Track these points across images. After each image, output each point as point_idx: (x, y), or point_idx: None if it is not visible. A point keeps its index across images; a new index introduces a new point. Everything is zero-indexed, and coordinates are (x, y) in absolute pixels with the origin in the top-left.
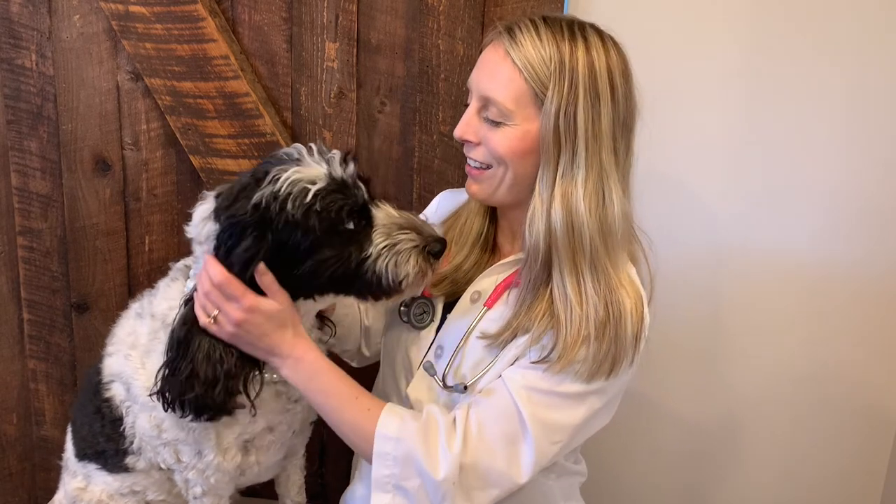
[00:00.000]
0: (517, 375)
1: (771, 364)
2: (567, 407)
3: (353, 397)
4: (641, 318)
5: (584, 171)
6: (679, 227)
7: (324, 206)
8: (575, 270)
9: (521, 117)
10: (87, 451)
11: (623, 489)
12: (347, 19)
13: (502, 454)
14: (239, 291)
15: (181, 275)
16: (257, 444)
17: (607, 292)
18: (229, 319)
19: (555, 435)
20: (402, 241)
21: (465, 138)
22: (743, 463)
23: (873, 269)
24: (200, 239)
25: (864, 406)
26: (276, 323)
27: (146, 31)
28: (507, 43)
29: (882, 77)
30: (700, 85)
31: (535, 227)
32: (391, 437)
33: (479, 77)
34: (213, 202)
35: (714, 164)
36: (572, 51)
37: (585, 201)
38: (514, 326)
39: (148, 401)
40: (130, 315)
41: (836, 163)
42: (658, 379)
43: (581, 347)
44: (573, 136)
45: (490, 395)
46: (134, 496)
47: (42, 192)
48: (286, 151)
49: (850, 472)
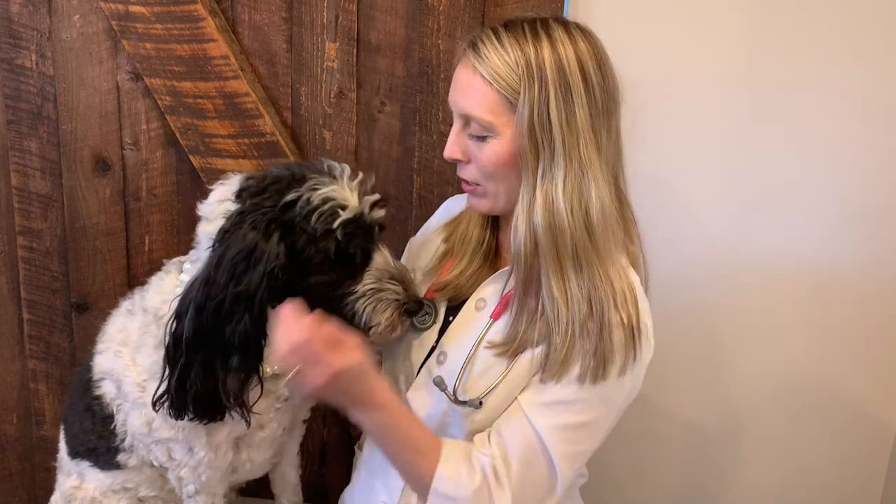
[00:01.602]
0: (541, 413)
1: (770, 368)
2: (589, 436)
3: (425, 451)
4: (634, 308)
5: (563, 169)
6: (675, 231)
7: (343, 236)
8: (560, 270)
9: (501, 126)
10: (80, 449)
11: (623, 490)
12: (347, 19)
13: (540, 498)
14: (322, 354)
15: (174, 268)
16: (248, 442)
17: (591, 287)
18: (311, 382)
19: (577, 463)
20: (387, 290)
21: (454, 157)
22: (743, 466)
23: (873, 272)
24: (212, 217)
25: (862, 410)
26: (358, 372)
27: (146, 31)
28: (473, 58)
29: (882, 80)
30: (698, 86)
31: (519, 233)
32: (447, 496)
33: (456, 96)
34: (236, 184)
35: (711, 167)
36: (537, 50)
37: (566, 199)
38: (520, 336)
39: (139, 398)
40: (121, 312)
41: (837, 166)
42: (656, 382)
43: (572, 348)
44: (549, 136)
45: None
46: (126, 493)
47: (42, 192)
48: (329, 164)
49: (849, 476)
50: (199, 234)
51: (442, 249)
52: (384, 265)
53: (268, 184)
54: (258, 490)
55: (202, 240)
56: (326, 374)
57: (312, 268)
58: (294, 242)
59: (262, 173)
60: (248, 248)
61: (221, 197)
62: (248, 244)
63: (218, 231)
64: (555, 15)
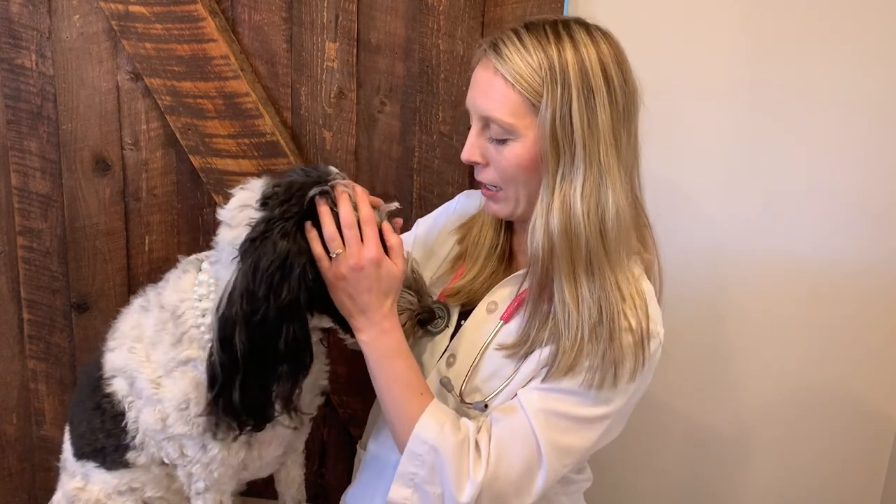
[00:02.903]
0: (534, 396)
1: (771, 367)
2: (582, 430)
3: (418, 393)
4: (644, 315)
5: (582, 173)
6: (676, 231)
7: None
8: (573, 275)
9: (523, 129)
10: (86, 449)
11: (626, 493)
12: (347, 19)
13: (518, 481)
14: (373, 239)
15: (192, 267)
16: (260, 439)
17: (601, 293)
18: (349, 263)
19: (567, 458)
20: (403, 298)
21: (473, 160)
22: (744, 465)
23: (875, 272)
24: (233, 223)
25: (863, 409)
26: (386, 285)
27: (146, 30)
28: (495, 59)
29: (884, 80)
30: (699, 88)
31: (536, 237)
32: (427, 442)
33: (475, 98)
34: (258, 190)
35: (713, 168)
36: (560, 52)
37: (583, 203)
38: (531, 338)
39: (153, 395)
40: (134, 309)
41: (840, 166)
42: (658, 381)
43: (580, 353)
44: (570, 139)
45: (508, 418)
46: (132, 493)
47: (42, 192)
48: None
49: (849, 476)
50: (221, 240)
51: (455, 251)
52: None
53: (294, 191)
54: (262, 489)
55: (224, 245)
56: (366, 259)
57: None
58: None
59: (286, 180)
60: (281, 256)
61: (242, 202)
62: (280, 253)
63: (245, 240)
64: (576, 17)
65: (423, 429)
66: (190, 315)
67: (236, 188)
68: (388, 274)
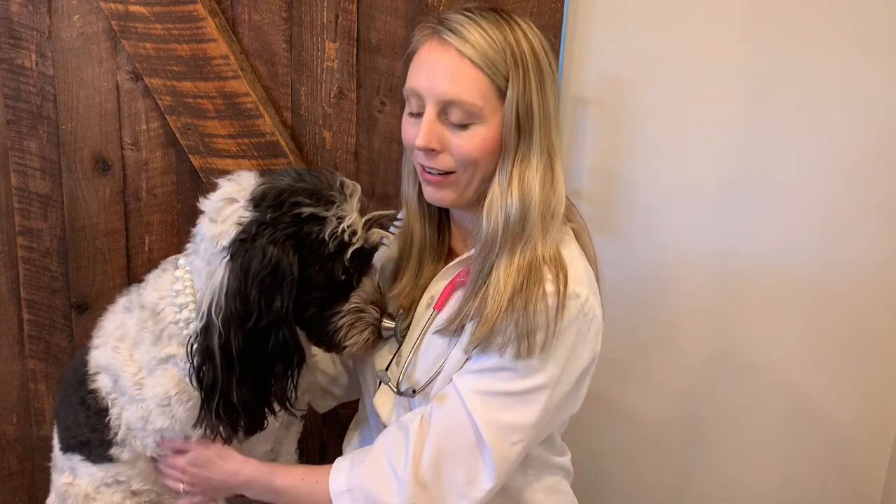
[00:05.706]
0: (466, 379)
1: (770, 368)
2: (519, 405)
3: (300, 479)
4: (564, 281)
5: (537, 154)
6: (674, 230)
7: (350, 259)
8: (512, 251)
9: (489, 112)
10: (72, 442)
11: (620, 489)
12: (347, 19)
13: (462, 465)
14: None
15: (170, 266)
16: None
17: (530, 261)
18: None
19: (512, 436)
20: (368, 312)
21: (431, 146)
22: (742, 466)
23: (875, 272)
24: (218, 218)
25: (862, 410)
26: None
27: (146, 30)
28: (456, 41)
29: (884, 80)
30: (697, 86)
31: (494, 215)
32: (343, 491)
33: (434, 81)
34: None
35: (710, 166)
36: (515, 37)
37: (538, 182)
38: (462, 312)
39: (136, 394)
40: (118, 309)
41: (839, 166)
42: (656, 381)
43: (497, 322)
44: (530, 121)
45: (442, 404)
46: (119, 486)
47: (42, 192)
48: (342, 181)
49: (849, 476)
50: (201, 232)
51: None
52: (370, 288)
53: (286, 197)
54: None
55: (205, 239)
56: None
57: (313, 284)
58: (304, 258)
59: (275, 181)
60: (270, 263)
61: (228, 195)
62: (269, 259)
63: (233, 240)
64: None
65: (334, 483)
66: (169, 311)
67: (223, 178)
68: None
